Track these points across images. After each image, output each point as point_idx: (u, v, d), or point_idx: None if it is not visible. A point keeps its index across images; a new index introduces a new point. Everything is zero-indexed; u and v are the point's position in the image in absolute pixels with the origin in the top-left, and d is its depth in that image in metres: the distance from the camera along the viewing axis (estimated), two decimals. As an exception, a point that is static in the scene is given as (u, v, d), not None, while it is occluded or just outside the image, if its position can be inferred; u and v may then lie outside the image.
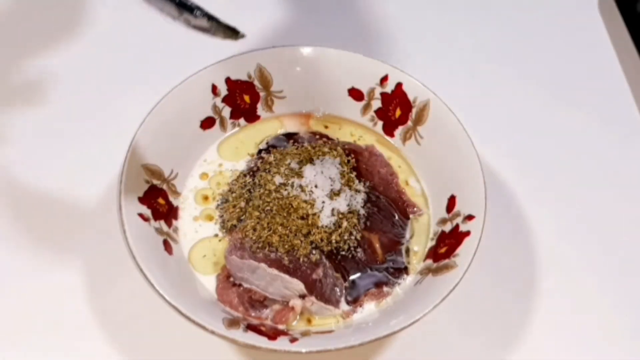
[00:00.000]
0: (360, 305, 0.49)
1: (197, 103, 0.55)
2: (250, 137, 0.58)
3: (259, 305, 0.48)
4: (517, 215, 0.58)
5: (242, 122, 0.58)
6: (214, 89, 0.56)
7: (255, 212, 0.50)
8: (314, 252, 0.49)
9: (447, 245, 0.49)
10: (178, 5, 0.42)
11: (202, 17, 0.42)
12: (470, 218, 0.49)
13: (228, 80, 0.56)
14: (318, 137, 0.58)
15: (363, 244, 0.51)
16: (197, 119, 0.56)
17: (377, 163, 0.55)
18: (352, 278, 0.49)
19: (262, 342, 0.43)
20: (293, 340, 0.44)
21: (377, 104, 0.58)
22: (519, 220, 0.57)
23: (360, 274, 0.50)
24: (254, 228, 0.49)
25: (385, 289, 0.49)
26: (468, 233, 0.48)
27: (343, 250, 0.50)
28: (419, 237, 0.53)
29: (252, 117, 0.59)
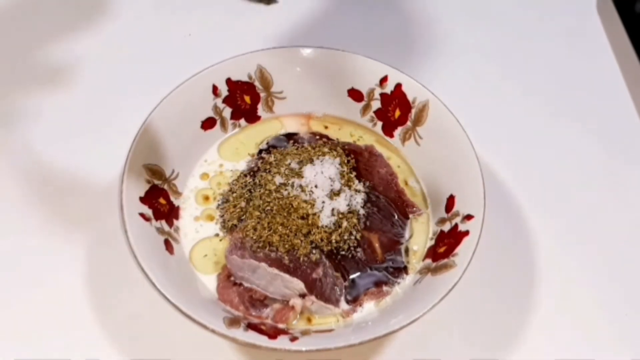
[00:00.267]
0: (360, 305, 0.49)
1: (197, 104, 0.56)
2: (251, 137, 0.58)
3: (260, 305, 0.48)
4: (515, 215, 0.58)
5: (242, 122, 0.59)
6: (215, 90, 0.56)
7: (256, 212, 0.50)
8: (314, 251, 0.49)
9: (446, 245, 0.49)
10: None
11: None
12: (469, 218, 0.49)
13: (229, 81, 0.56)
14: (318, 137, 0.58)
15: (363, 244, 0.51)
16: (198, 120, 0.56)
17: (376, 163, 0.55)
18: (352, 277, 0.50)
19: (262, 341, 0.43)
20: (293, 339, 0.44)
21: (376, 105, 0.58)
22: (518, 220, 0.57)
23: (360, 274, 0.50)
24: (255, 228, 0.49)
25: (385, 289, 0.49)
26: (467, 233, 0.48)
27: (343, 250, 0.50)
28: (418, 236, 0.53)
29: (252, 117, 0.59)
